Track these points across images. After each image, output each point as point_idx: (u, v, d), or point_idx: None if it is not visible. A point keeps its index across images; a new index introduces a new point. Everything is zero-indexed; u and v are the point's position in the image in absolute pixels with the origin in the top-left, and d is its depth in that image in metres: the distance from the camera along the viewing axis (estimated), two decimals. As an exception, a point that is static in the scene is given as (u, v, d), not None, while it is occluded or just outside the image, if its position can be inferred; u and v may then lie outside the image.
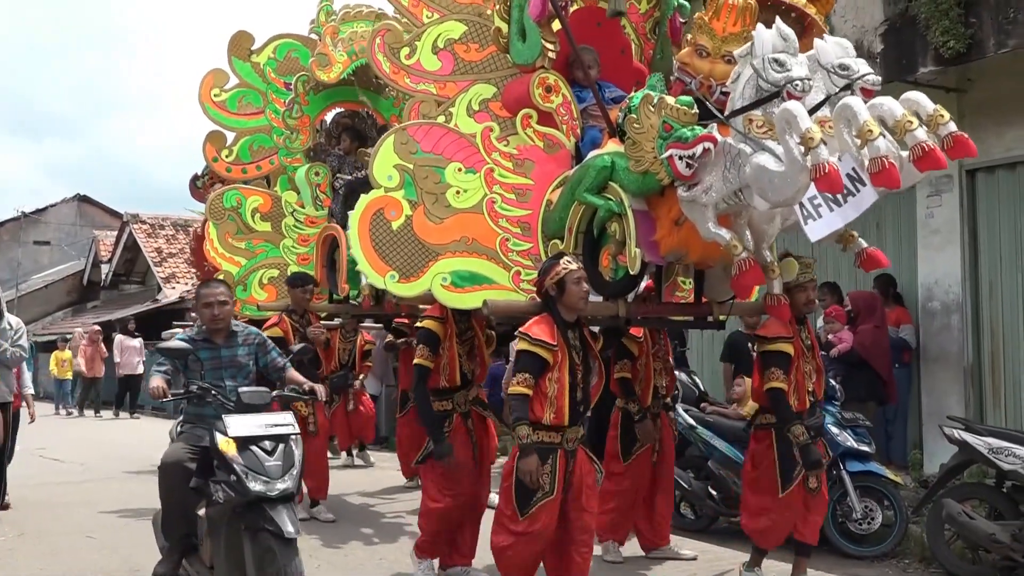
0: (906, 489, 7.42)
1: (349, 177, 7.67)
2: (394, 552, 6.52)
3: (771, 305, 4.91)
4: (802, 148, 3.83)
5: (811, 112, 4.02)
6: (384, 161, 5.08)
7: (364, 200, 5.09)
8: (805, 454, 5.16)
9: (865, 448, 6.58)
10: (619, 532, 6.22)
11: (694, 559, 6.26)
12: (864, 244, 4.61)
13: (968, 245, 8.39)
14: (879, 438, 8.09)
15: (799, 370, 5.23)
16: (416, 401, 5.82)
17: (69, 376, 20.21)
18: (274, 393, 4.82)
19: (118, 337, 18.82)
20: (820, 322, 8.26)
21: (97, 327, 20.28)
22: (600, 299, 5.04)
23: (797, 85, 3.98)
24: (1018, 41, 7.40)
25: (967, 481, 6.65)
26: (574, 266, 4.63)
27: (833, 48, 4.27)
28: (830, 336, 8.07)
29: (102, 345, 19.40)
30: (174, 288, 25.01)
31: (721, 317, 5.31)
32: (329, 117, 8.33)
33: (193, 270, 13.62)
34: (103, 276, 29.73)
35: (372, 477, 10.00)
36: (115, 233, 29.32)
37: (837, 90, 4.20)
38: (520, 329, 4.67)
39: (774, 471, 5.24)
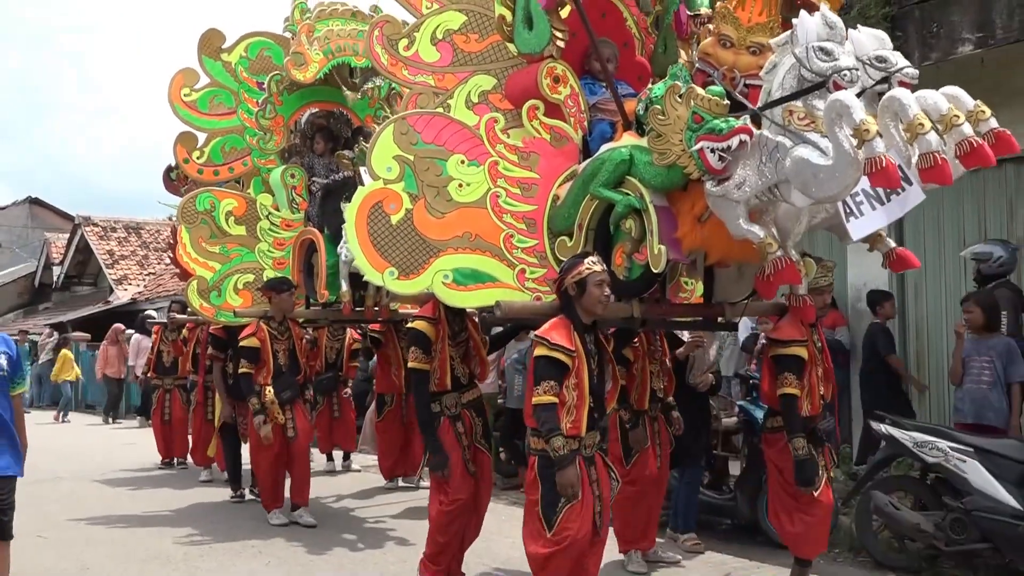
0: (836, 482, 7.52)
1: (326, 180, 7.37)
2: (382, 556, 6.34)
3: (796, 306, 4.81)
4: (853, 141, 3.71)
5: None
6: (383, 151, 4.76)
7: (362, 192, 4.77)
8: (801, 469, 5.09)
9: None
10: (641, 541, 6.02)
11: (677, 562, 6.15)
12: (892, 244, 4.51)
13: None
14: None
15: (812, 374, 5.17)
16: (416, 407, 5.51)
17: (72, 379, 19.15)
18: None
19: (135, 336, 17.11)
20: (748, 322, 8.30)
21: (121, 325, 18.74)
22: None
23: (845, 75, 3.84)
24: (940, 54, 7.64)
25: (893, 474, 6.78)
26: (599, 267, 4.38)
27: (869, 40, 4.17)
28: (761, 335, 8.11)
29: (125, 345, 17.99)
30: (126, 290, 24.76)
31: (734, 319, 5.18)
32: (303, 118, 7.97)
33: (173, 268, 12.89)
34: (55, 278, 29.17)
35: (355, 480, 9.63)
36: (67, 235, 28.68)
37: (873, 83, 4.13)
38: (536, 333, 4.41)
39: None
